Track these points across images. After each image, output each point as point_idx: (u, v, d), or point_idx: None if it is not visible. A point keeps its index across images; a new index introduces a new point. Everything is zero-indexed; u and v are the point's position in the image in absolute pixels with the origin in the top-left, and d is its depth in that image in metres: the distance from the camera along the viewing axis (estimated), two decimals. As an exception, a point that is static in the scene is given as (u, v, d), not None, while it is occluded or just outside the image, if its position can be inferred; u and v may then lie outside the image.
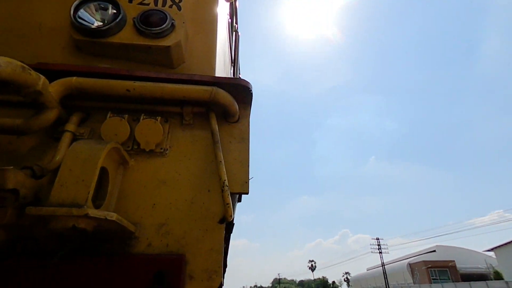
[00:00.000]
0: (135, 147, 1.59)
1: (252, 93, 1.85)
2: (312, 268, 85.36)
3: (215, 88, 1.67)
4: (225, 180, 1.53)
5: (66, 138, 1.49)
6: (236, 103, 1.76)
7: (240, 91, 1.81)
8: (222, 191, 1.51)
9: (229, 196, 1.51)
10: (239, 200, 3.59)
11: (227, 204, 1.50)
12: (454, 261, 43.87)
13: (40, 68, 1.43)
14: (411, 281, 45.59)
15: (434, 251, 48.96)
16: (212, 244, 1.48)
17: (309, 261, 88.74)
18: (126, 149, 1.56)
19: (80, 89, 1.55)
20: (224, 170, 1.55)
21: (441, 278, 42.64)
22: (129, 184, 1.50)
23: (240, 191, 1.67)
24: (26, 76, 1.21)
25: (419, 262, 45.63)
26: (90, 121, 1.65)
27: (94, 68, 1.65)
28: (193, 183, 1.58)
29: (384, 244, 55.22)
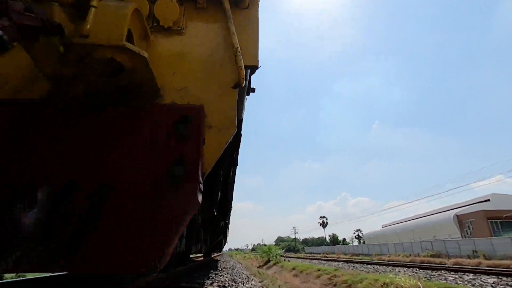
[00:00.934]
0: (155, 24, 1.83)
1: None
2: (324, 225, 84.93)
3: None
4: (237, 47, 1.75)
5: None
6: None
7: None
8: (235, 56, 1.73)
9: (242, 60, 1.73)
10: (251, 91, 3.72)
11: (240, 66, 1.73)
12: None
13: None
14: (458, 234, 39.53)
15: (488, 200, 43.10)
16: (227, 104, 1.73)
17: (320, 217, 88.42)
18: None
19: None
20: (237, 39, 1.77)
21: (505, 230, 34.81)
22: (150, 57, 1.76)
23: (251, 63, 1.88)
24: None
25: (471, 213, 39.81)
26: None
27: None
28: (208, 55, 1.82)
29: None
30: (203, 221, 5.15)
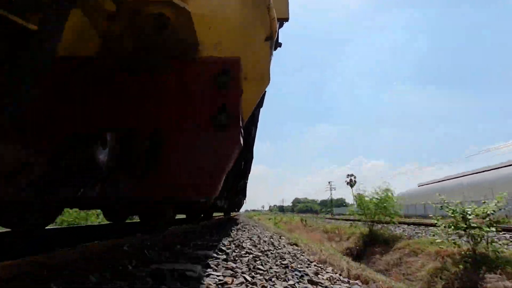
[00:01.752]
0: None
1: None
2: (352, 184, 75.99)
3: None
4: (270, 1, 1.80)
5: None
6: None
7: None
8: (268, 8, 1.79)
9: (274, 12, 1.80)
10: (278, 46, 3.81)
11: (273, 18, 1.80)
12: None
13: None
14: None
15: None
16: (260, 57, 1.83)
17: (348, 175, 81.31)
18: None
19: None
20: None
21: None
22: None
23: (280, 16, 1.94)
24: None
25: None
26: None
27: None
28: (240, 9, 1.88)
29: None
30: (226, 178, 5.50)
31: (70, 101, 1.58)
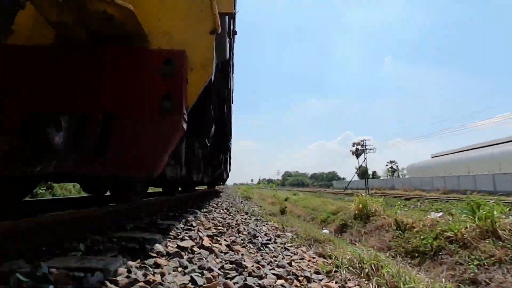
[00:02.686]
0: None
1: None
2: (358, 153, 64.15)
3: None
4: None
5: None
6: None
7: None
8: (211, 5, 1.97)
9: (216, 9, 1.98)
10: (234, 34, 4.08)
11: (215, 14, 1.98)
12: None
13: None
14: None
15: None
16: (205, 49, 2.04)
17: (354, 144, 67.14)
18: None
19: None
20: None
21: None
22: (138, 3, 1.99)
23: (226, 10, 2.13)
24: None
25: None
26: None
27: None
28: (188, 4, 2.04)
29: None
30: (203, 154, 5.79)
31: (30, 86, 1.77)
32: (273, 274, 2.16)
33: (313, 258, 3.60)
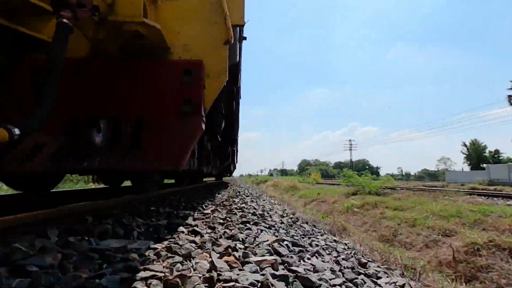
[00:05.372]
0: None
1: None
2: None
3: None
4: (226, 11, 2.23)
5: None
6: None
7: None
8: (225, 19, 2.23)
9: (230, 23, 2.24)
10: (243, 39, 4.45)
11: (229, 28, 2.25)
12: None
13: None
14: None
15: None
16: (220, 58, 2.31)
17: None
18: None
19: None
20: (226, 5, 2.23)
21: None
22: (160, 18, 2.26)
23: (238, 23, 2.39)
24: None
25: None
26: None
27: None
28: (204, 17, 2.30)
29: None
30: (212, 147, 6.12)
31: (72, 94, 2.07)
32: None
33: None
